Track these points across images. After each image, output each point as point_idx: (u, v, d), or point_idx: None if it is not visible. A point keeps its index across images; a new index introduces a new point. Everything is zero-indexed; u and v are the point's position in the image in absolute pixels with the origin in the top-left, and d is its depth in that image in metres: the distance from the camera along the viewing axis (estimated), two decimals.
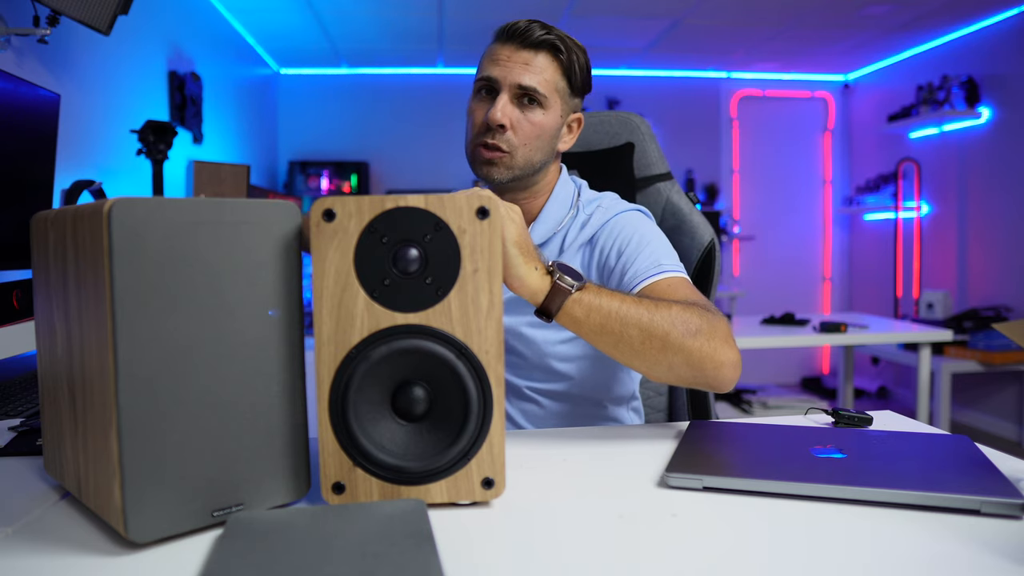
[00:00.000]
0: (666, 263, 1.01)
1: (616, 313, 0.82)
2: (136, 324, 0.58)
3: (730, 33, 4.39)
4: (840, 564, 0.56)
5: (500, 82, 1.05)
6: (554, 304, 0.80)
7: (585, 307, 0.81)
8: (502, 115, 1.04)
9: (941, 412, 3.65)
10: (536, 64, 1.05)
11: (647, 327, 0.83)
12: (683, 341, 0.83)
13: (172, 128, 2.43)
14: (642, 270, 1.01)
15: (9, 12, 1.86)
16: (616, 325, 0.82)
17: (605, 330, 0.82)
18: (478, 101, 1.09)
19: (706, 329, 0.85)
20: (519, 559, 0.58)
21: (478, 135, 1.08)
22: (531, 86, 1.05)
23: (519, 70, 1.05)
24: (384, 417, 0.68)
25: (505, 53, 1.06)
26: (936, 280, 4.59)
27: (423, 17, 4.00)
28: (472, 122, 1.10)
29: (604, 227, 1.09)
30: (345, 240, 0.65)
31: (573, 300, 0.81)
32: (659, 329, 0.83)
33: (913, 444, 0.82)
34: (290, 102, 5.08)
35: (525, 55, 1.05)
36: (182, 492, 0.60)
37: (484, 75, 1.07)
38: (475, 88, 1.10)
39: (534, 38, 1.05)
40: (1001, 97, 4.07)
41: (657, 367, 0.86)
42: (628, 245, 1.05)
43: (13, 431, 0.93)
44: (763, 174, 5.50)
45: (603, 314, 0.82)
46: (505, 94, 1.05)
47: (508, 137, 1.05)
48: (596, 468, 0.80)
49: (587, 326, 0.82)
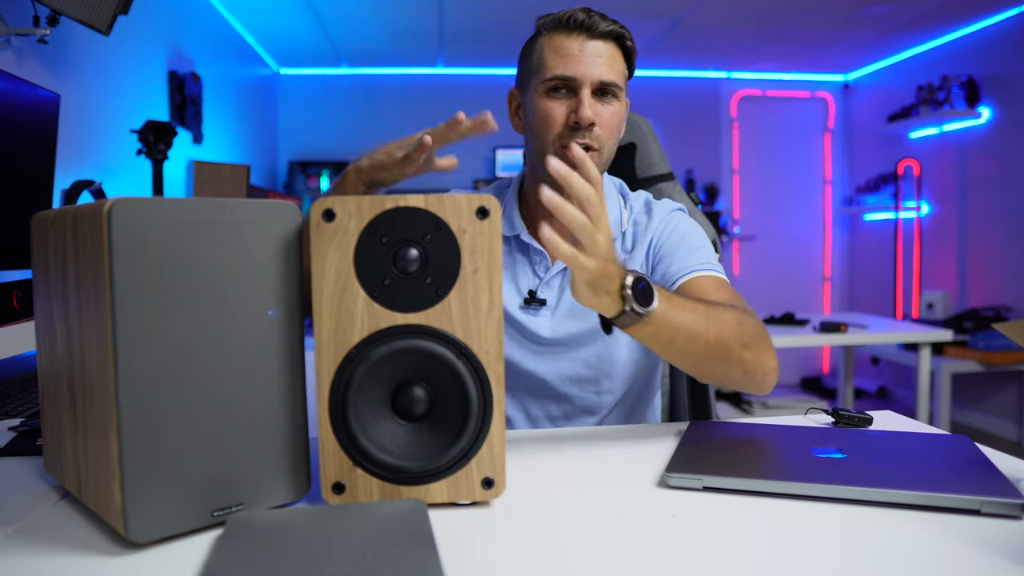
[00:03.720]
0: (714, 265, 1.04)
1: (685, 329, 0.81)
2: (136, 324, 0.58)
3: (730, 33, 4.39)
4: (840, 564, 0.56)
5: (580, 79, 1.01)
6: (622, 325, 0.78)
7: (655, 326, 0.79)
8: (592, 113, 1.01)
9: (941, 412, 3.65)
10: (610, 56, 1.03)
11: (713, 342, 0.84)
12: (741, 353, 0.86)
13: (172, 128, 2.43)
14: (692, 264, 1.03)
15: (9, 12, 1.86)
16: (684, 340, 0.82)
17: (672, 345, 0.83)
18: (553, 100, 1.03)
19: (758, 339, 0.88)
20: (519, 559, 0.58)
21: (561, 135, 1.03)
22: (612, 80, 1.02)
23: (597, 65, 1.01)
24: (384, 417, 0.68)
25: (575, 46, 1.02)
26: (936, 280, 4.59)
27: (423, 17, 4.00)
28: (550, 122, 1.03)
29: (663, 220, 1.11)
30: (345, 240, 0.65)
31: (644, 322, 0.78)
32: (722, 343, 0.84)
33: (913, 444, 0.82)
34: (290, 102, 5.08)
35: (597, 47, 1.02)
36: (182, 492, 0.60)
37: (558, 73, 1.02)
38: (546, 87, 1.03)
39: (602, 29, 1.02)
40: (1001, 97, 4.07)
41: (714, 375, 0.90)
42: (682, 242, 1.07)
43: (13, 431, 0.93)
44: (763, 174, 5.50)
45: (672, 330, 0.81)
46: (587, 90, 1.01)
47: (596, 134, 1.02)
48: (596, 468, 0.80)
49: (655, 342, 0.82)
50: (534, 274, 1.11)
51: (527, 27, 1.10)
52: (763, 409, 3.71)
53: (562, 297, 1.09)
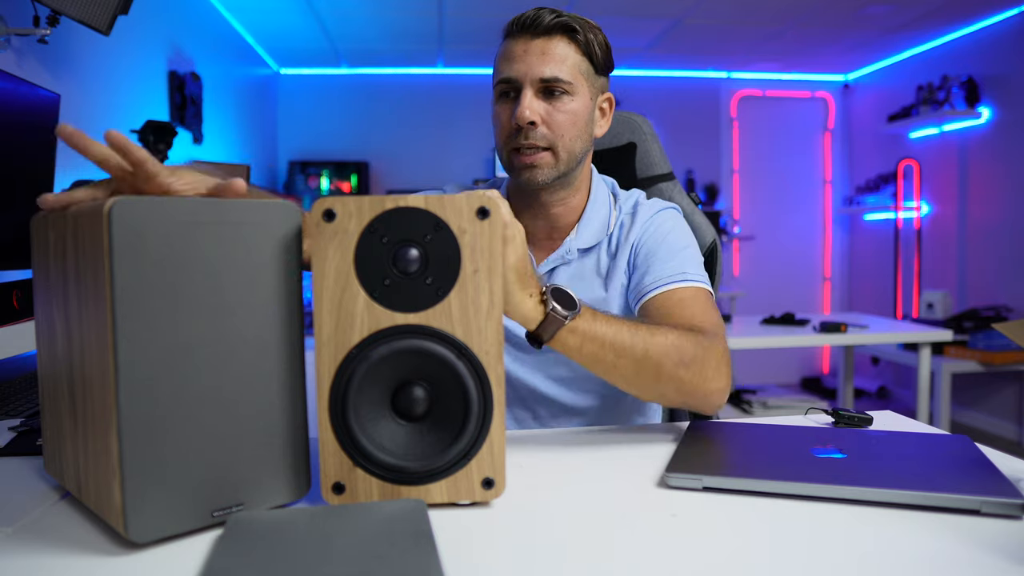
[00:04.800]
0: (690, 272, 1.00)
1: (611, 343, 0.81)
2: (136, 324, 0.57)
3: (730, 33, 4.39)
4: (840, 564, 0.56)
5: (520, 79, 0.99)
6: (546, 333, 0.79)
7: (579, 336, 0.80)
8: (530, 112, 0.98)
9: (941, 412, 3.65)
10: (554, 51, 0.99)
11: (640, 358, 0.83)
12: (675, 371, 0.84)
13: (172, 128, 2.43)
14: (664, 275, 1.00)
15: (9, 12, 1.86)
16: (610, 355, 0.82)
17: (598, 359, 0.82)
18: (502, 104, 1.02)
19: (699, 358, 0.85)
20: (519, 559, 0.58)
21: (508, 139, 1.02)
22: (553, 76, 0.98)
23: (537, 62, 0.98)
24: (384, 417, 0.68)
25: (519, 47, 1.00)
26: (936, 280, 4.59)
27: (423, 17, 4.00)
28: (499, 128, 1.03)
29: (645, 223, 1.08)
30: (345, 240, 0.65)
31: (567, 329, 0.79)
32: (652, 360, 0.83)
33: (913, 444, 0.82)
34: (290, 102, 5.08)
35: (540, 44, 0.99)
36: (182, 492, 0.60)
37: (502, 76, 1.01)
38: (496, 93, 1.03)
39: (545, 24, 0.99)
40: (1001, 97, 4.07)
41: (648, 393, 0.87)
42: (660, 246, 1.04)
43: (13, 431, 0.93)
44: (763, 174, 5.50)
45: (597, 344, 0.81)
46: (528, 90, 0.99)
47: (542, 132, 0.99)
48: (596, 468, 0.80)
49: (579, 354, 0.82)
50: None
51: None
52: (763, 409, 3.71)
53: None
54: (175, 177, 0.66)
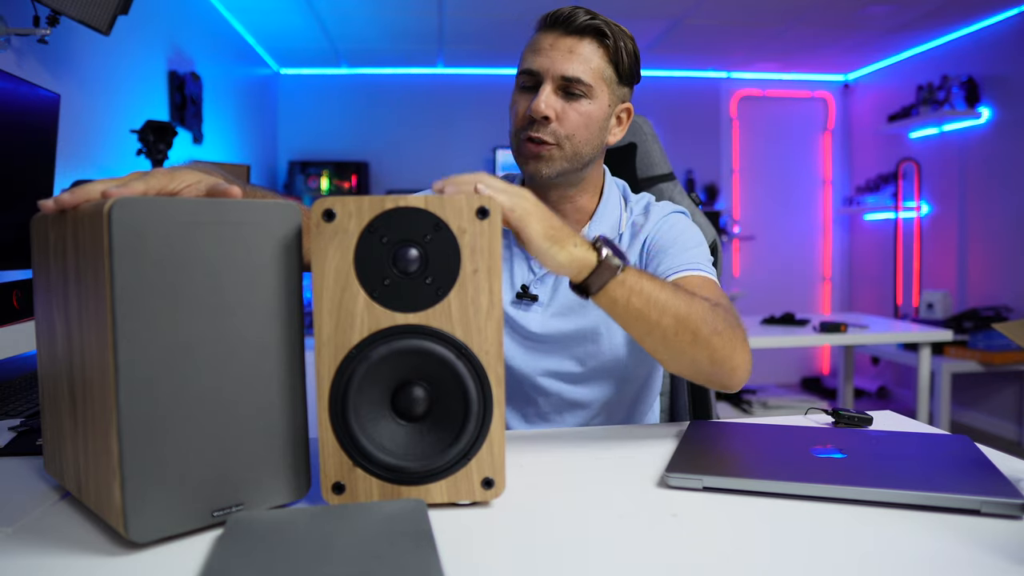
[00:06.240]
0: (703, 264, 1.02)
1: (656, 299, 0.80)
2: (136, 324, 0.57)
3: (730, 33, 4.39)
4: (840, 564, 0.56)
5: (543, 73, 1.00)
6: (597, 281, 0.77)
7: (627, 289, 0.78)
8: (545, 106, 0.98)
9: (941, 412, 3.65)
10: (581, 52, 0.99)
11: (683, 318, 0.82)
12: (710, 338, 0.84)
13: (172, 128, 2.43)
14: (678, 264, 1.01)
15: (9, 12, 1.86)
16: (654, 312, 0.81)
17: (642, 316, 0.81)
18: (521, 94, 1.03)
19: (729, 331, 0.86)
20: (519, 559, 0.58)
21: (521, 129, 1.02)
22: (575, 76, 0.99)
23: (563, 59, 0.99)
24: (384, 417, 0.68)
25: (548, 41, 1.00)
26: (936, 280, 4.59)
27: (423, 17, 4.00)
28: (514, 116, 1.04)
29: (658, 222, 1.09)
30: (345, 240, 0.65)
31: (617, 281, 0.78)
32: (692, 322, 0.83)
33: (913, 444, 0.82)
34: (290, 102, 5.08)
35: (569, 42, 0.99)
36: (182, 492, 0.60)
37: (526, 67, 1.02)
38: (517, 82, 1.04)
39: (578, 23, 0.99)
40: (1001, 97, 4.07)
41: (682, 358, 0.86)
42: (673, 244, 1.05)
43: (13, 431, 0.93)
44: (763, 174, 5.50)
45: (643, 298, 0.80)
46: (548, 85, 0.99)
47: (553, 128, 1.00)
48: (596, 468, 0.80)
49: (625, 309, 0.80)
50: (529, 270, 1.11)
51: (527, 27, 1.09)
52: (763, 409, 3.71)
53: (555, 296, 1.09)
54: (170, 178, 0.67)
